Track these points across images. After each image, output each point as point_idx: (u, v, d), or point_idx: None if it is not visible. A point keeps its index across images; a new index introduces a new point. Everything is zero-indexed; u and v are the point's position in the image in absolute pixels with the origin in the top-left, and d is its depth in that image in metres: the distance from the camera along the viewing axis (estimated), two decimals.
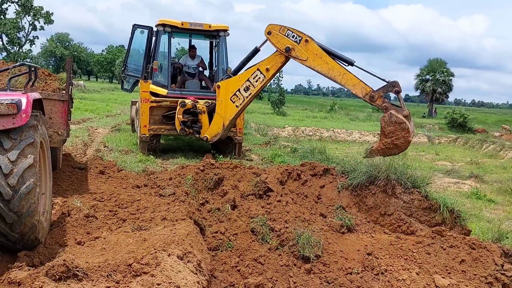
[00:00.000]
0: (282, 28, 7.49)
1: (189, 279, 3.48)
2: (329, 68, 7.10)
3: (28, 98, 3.98)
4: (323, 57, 7.14)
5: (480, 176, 11.58)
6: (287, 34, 7.44)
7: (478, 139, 20.86)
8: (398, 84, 6.72)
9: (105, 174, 7.30)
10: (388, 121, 6.36)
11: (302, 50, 7.30)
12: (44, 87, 6.61)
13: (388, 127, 6.36)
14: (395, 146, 6.34)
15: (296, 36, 7.36)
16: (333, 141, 18.13)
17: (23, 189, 3.66)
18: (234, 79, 8.32)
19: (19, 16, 50.88)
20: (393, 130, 6.33)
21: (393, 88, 6.71)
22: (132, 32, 10.84)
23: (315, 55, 7.20)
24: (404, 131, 6.32)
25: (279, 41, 7.51)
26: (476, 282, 4.93)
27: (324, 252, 5.20)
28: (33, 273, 3.13)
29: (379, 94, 6.74)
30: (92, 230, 4.65)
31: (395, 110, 6.48)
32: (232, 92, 8.31)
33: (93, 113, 18.92)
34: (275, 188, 6.30)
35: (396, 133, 6.32)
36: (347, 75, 7.04)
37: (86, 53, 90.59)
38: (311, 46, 7.26)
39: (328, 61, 7.13)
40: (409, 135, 6.34)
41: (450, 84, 50.26)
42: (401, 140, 6.32)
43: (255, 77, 8.05)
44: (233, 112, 8.53)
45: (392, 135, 6.34)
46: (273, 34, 7.57)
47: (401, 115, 6.40)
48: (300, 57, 7.35)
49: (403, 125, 6.32)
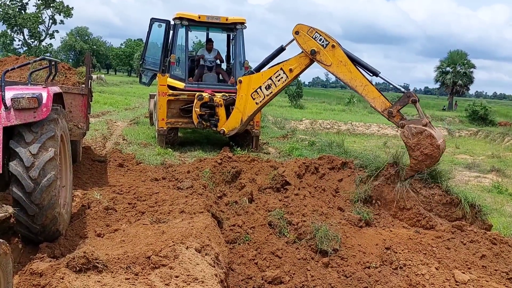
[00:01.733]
0: (311, 29, 7.35)
1: (207, 271, 3.50)
2: (351, 77, 7.00)
3: (49, 92, 4.04)
4: (347, 65, 7.05)
5: (501, 170, 11.34)
6: (314, 37, 7.31)
7: (500, 132, 20.41)
8: (413, 93, 6.60)
9: (124, 167, 7.39)
10: (408, 135, 6.19)
11: (328, 55, 7.18)
12: (64, 81, 6.70)
13: (411, 140, 6.16)
14: (427, 156, 6.09)
15: (324, 40, 7.23)
16: (351, 134, 17.97)
17: (44, 181, 3.72)
18: (257, 76, 8.26)
19: (40, 10, 51.66)
20: (417, 141, 6.12)
21: (409, 99, 6.56)
22: (150, 25, 10.88)
23: (339, 62, 7.10)
24: (429, 138, 6.08)
25: (305, 42, 7.39)
26: (497, 278, 4.84)
27: (341, 246, 5.17)
28: (54, 264, 3.20)
29: (397, 109, 6.59)
30: (112, 222, 4.71)
31: (413, 123, 6.33)
32: (253, 88, 8.26)
33: (112, 106, 19.14)
34: (292, 182, 6.28)
35: (421, 143, 6.10)
36: (369, 87, 6.91)
37: (105, 47, 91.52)
38: (337, 52, 7.14)
39: (351, 70, 7.02)
40: (435, 140, 6.09)
41: (471, 76, 49.23)
42: (429, 147, 6.07)
43: (278, 77, 7.95)
44: (252, 108, 8.52)
45: (418, 147, 6.12)
46: (301, 34, 7.44)
47: (420, 125, 6.22)
48: (325, 61, 7.20)
49: (425, 133, 6.11)
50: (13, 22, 48.88)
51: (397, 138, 16.44)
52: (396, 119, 6.56)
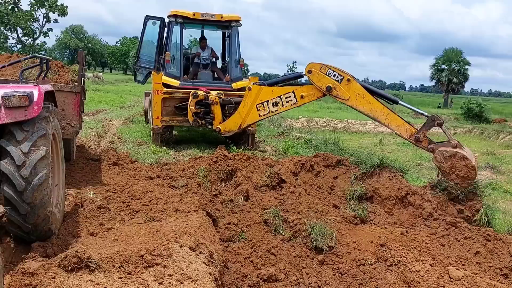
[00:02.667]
0: (323, 67, 7.39)
1: (201, 270, 3.48)
2: (372, 108, 7.00)
3: (40, 90, 4.00)
4: (365, 97, 7.05)
5: (496, 167, 11.38)
6: (328, 73, 7.33)
7: (494, 129, 20.47)
8: (437, 116, 6.63)
9: (119, 166, 7.34)
10: (441, 159, 6.18)
11: (344, 89, 7.18)
12: (57, 79, 6.64)
13: (445, 164, 6.15)
14: (463, 178, 6.06)
15: (338, 75, 7.23)
16: (347, 132, 17.98)
17: (35, 180, 3.69)
18: (267, 90, 8.26)
19: (34, 9, 51.35)
20: (451, 165, 6.12)
21: (434, 123, 6.55)
22: (144, 23, 10.81)
23: (357, 94, 7.11)
24: (462, 160, 6.08)
25: (320, 80, 7.40)
26: (491, 274, 4.86)
27: (337, 243, 5.17)
28: (46, 263, 3.17)
29: (423, 134, 6.59)
30: (105, 221, 4.68)
31: (443, 147, 6.32)
32: (261, 100, 8.26)
33: (107, 104, 19.05)
34: (288, 179, 6.26)
35: (455, 166, 6.09)
36: (391, 115, 6.90)
37: (100, 45, 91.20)
38: (353, 85, 7.15)
39: (370, 101, 7.02)
40: (469, 161, 6.08)
41: (466, 74, 49.37)
42: (464, 169, 6.06)
43: (288, 98, 7.96)
44: (254, 119, 8.58)
45: (453, 170, 6.10)
46: (314, 73, 7.47)
47: (450, 147, 6.22)
48: (342, 96, 7.25)
49: (457, 155, 6.11)
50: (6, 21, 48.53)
51: (392, 135, 16.47)
52: (424, 144, 6.54)
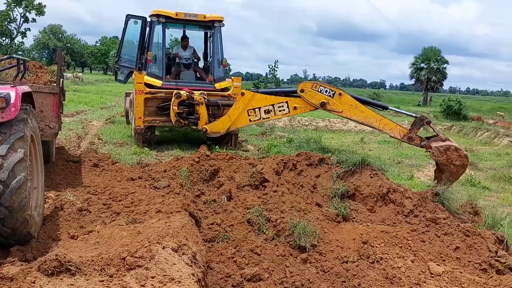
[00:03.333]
0: (314, 84, 7.95)
1: (184, 271, 3.46)
2: (365, 116, 7.62)
3: (17, 91, 3.92)
4: (358, 107, 7.65)
5: (474, 163, 11.60)
6: (320, 90, 7.85)
7: (473, 126, 20.88)
8: (424, 116, 7.41)
9: (99, 167, 7.24)
10: (438, 154, 6.85)
11: (337, 103, 7.75)
12: (35, 80, 6.52)
13: (442, 158, 6.84)
14: (459, 166, 6.83)
15: (329, 91, 7.81)
16: (329, 131, 18.10)
17: (13, 183, 3.62)
18: (261, 97, 8.43)
19: (10, 8, 50.26)
20: (447, 157, 6.81)
21: (423, 122, 7.30)
22: (126, 22, 10.68)
23: (350, 106, 7.68)
24: (456, 151, 6.82)
25: (313, 97, 7.90)
26: (471, 269, 4.96)
27: (320, 242, 5.21)
28: (26, 268, 3.10)
29: (415, 133, 7.28)
30: (86, 224, 4.62)
31: (434, 142, 7.02)
32: (253, 106, 8.44)
33: (87, 105, 18.77)
34: (271, 179, 6.28)
35: (451, 157, 6.80)
36: (383, 120, 7.56)
37: (80, 45, 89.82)
38: (345, 98, 7.74)
39: (363, 110, 7.64)
40: (462, 151, 6.87)
41: (445, 72, 50.27)
42: (459, 159, 6.80)
43: (280, 107, 8.27)
44: (244, 123, 8.78)
45: (450, 161, 6.80)
46: (306, 91, 7.95)
47: (441, 142, 6.94)
48: (336, 109, 7.80)
49: (451, 147, 6.83)
50: None
51: (374, 134, 16.65)
52: (417, 142, 7.29)
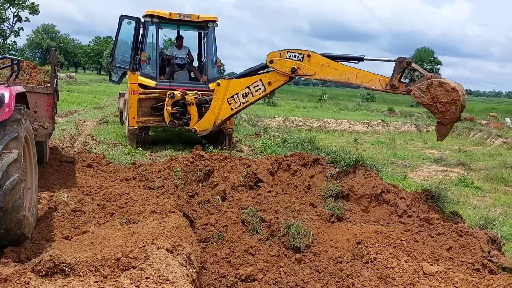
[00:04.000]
0: (282, 52, 7.40)
1: (178, 272, 3.46)
2: (340, 73, 6.91)
3: (11, 91, 3.91)
4: (331, 65, 6.97)
5: (467, 164, 11.70)
6: (288, 56, 7.34)
7: (466, 127, 21.03)
8: (403, 58, 6.40)
9: (93, 167, 7.23)
10: (420, 94, 5.88)
11: (308, 66, 7.16)
12: (28, 80, 6.50)
13: (426, 97, 5.84)
14: (448, 103, 5.69)
15: (298, 55, 7.24)
16: (323, 131, 18.17)
17: (7, 184, 3.60)
18: (235, 82, 8.26)
19: (3, 7, 49.88)
20: (431, 95, 5.80)
21: (403, 64, 6.37)
22: (119, 23, 10.67)
23: (322, 66, 7.05)
24: (441, 86, 5.72)
25: (283, 66, 7.41)
26: (464, 269, 5.00)
27: (314, 242, 5.23)
28: (20, 269, 3.09)
29: (397, 79, 6.39)
30: (80, 224, 4.60)
31: (418, 83, 6.08)
32: (231, 94, 8.26)
33: (81, 105, 18.70)
34: (265, 179, 6.29)
35: (436, 94, 5.75)
36: (361, 73, 6.78)
37: (73, 45, 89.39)
38: (315, 58, 7.11)
39: (337, 67, 6.94)
40: (448, 85, 5.72)
41: (438, 73, 50.55)
42: (446, 95, 5.69)
43: (256, 87, 7.98)
44: (227, 113, 8.56)
45: (435, 99, 5.76)
46: (275, 61, 7.50)
47: (425, 80, 5.92)
48: (308, 72, 7.20)
49: (434, 82, 5.78)
50: None
51: (367, 134, 16.73)
52: (402, 89, 6.33)
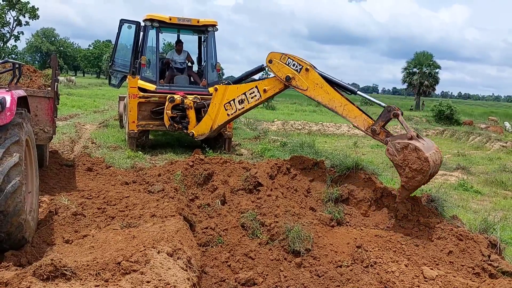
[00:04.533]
0: (283, 56, 7.26)
1: (179, 276, 3.46)
2: (329, 98, 6.81)
3: (13, 95, 3.92)
4: (323, 87, 6.87)
5: (466, 167, 11.72)
6: (287, 63, 7.22)
7: (465, 131, 21.09)
8: (394, 107, 6.24)
9: (93, 171, 7.24)
10: (393, 152, 5.68)
11: (303, 79, 7.05)
12: (29, 84, 6.52)
13: (398, 157, 5.64)
14: (416, 171, 5.52)
15: (297, 65, 7.12)
16: (322, 135, 18.19)
17: (8, 188, 3.61)
18: (232, 88, 8.25)
19: (4, 11, 49.97)
20: (403, 157, 5.60)
21: (390, 114, 6.18)
22: (119, 27, 10.72)
23: (315, 84, 6.94)
24: (415, 152, 5.54)
25: (279, 70, 7.31)
26: (464, 273, 5.00)
27: (314, 246, 5.23)
28: (21, 273, 3.09)
29: (380, 125, 6.23)
30: (80, 228, 4.61)
31: (399, 139, 5.88)
32: (227, 99, 8.27)
33: (81, 109, 18.73)
34: (265, 183, 6.30)
35: (408, 158, 5.57)
36: (348, 106, 6.66)
37: (73, 48, 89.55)
38: (312, 75, 6.99)
39: (329, 91, 6.82)
40: (422, 153, 5.53)
41: (437, 77, 50.76)
42: (417, 162, 5.51)
43: (252, 94, 7.95)
44: (224, 119, 8.57)
45: (406, 163, 5.58)
46: (274, 62, 7.37)
47: (405, 139, 5.74)
48: (301, 86, 7.09)
49: (409, 146, 5.59)
50: None
51: (367, 138, 16.74)
52: (381, 137, 6.20)
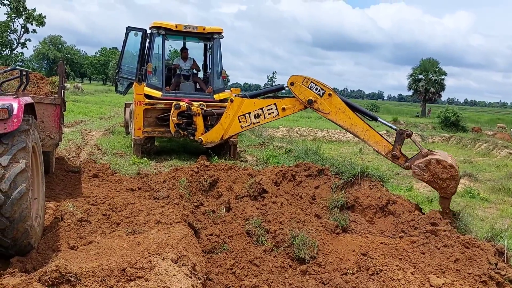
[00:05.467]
0: (305, 79, 7.44)
1: (183, 282, 3.46)
2: (351, 123, 7.07)
3: (20, 102, 3.96)
4: (346, 112, 7.13)
5: (473, 175, 11.63)
6: (310, 86, 7.40)
7: (471, 138, 20.95)
8: (404, 129, 6.66)
9: (99, 178, 7.27)
10: (420, 172, 6.08)
11: (325, 103, 7.26)
12: (36, 91, 6.58)
13: (426, 175, 6.05)
14: (448, 179, 5.92)
15: (320, 89, 7.33)
16: (327, 141, 18.15)
17: (15, 194, 3.63)
18: (249, 102, 8.29)
19: (11, 19, 50.51)
20: (431, 173, 6.03)
21: (403, 136, 6.61)
22: (126, 34, 10.82)
23: (338, 109, 7.18)
24: (438, 164, 5.97)
25: (301, 93, 7.47)
26: (471, 281, 4.95)
27: (319, 253, 5.20)
28: (26, 279, 3.10)
29: (398, 150, 6.62)
30: (86, 234, 4.62)
31: (416, 160, 6.28)
32: (243, 112, 8.31)
33: (87, 115, 18.84)
34: (270, 189, 6.29)
35: (435, 172, 5.98)
36: (370, 131, 6.97)
37: (79, 56, 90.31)
38: (335, 100, 7.23)
39: (351, 116, 7.10)
40: (445, 162, 5.94)
41: (443, 84, 50.60)
42: (445, 171, 5.93)
43: (269, 110, 8.03)
44: (236, 130, 8.63)
45: (436, 176, 5.98)
46: (296, 85, 7.53)
47: (421, 158, 6.18)
48: (323, 110, 7.31)
49: (432, 161, 6.01)
50: None
51: None
52: (401, 161, 6.56)
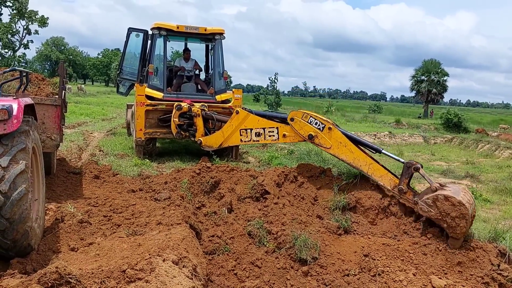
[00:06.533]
0: (305, 114, 7.29)
1: (184, 284, 3.44)
2: (354, 157, 6.77)
3: (19, 103, 3.95)
4: (347, 146, 6.85)
5: (475, 175, 11.58)
6: (309, 121, 7.22)
7: (473, 139, 20.86)
8: (412, 162, 6.25)
9: (100, 179, 7.25)
10: (427, 209, 5.66)
11: (326, 137, 7.02)
12: (37, 92, 6.57)
13: (433, 212, 5.62)
14: (457, 218, 5.43)
15: (319, 123, 7.10)
16: None
17: (15, 195, 3.62)
18: (254, 118, 8.25)
19: (13, 20, 50.68)
20: (438, 210, 5.57)
21: (411, 169, 6.19)
22: (127, 35, 10.81)
23: (339, 143, 6.90)
24: (447, 201, 5.51)
25: (301, 128, 7.29)
26: (473, 282, 4.92)
27: (321, 254, 5.18)
28: (26, 280, 3.09)
29: (405, 184, 6.19)
30: (86, 236, 4.61)
31: (425, 195, 5.83)
32: (246, 127, 8.29)
33: (89, 117, 18.85)
34: (272, 191, 6.27)
35: (443, 209, 5.53)
36: (374, 165, 6.59)
37: (82, 57, 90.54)
38: (335, 133, 6.96)
39: (353, 150, 6.80)
40: (454, 199, 5.48)
41: (445, 85, 50.48)
42: (454, 209, 5.45)
43: (270, 132, 7.97)
44: (235, 142, 8.67)
45: (444, 214, 5.53)
46: (296, 120, 7.38)
47: (430, 193, 5.74)
48: (324, 144, 7.06)
49: (439, 197, 5.56)
50: None
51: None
52: (409, 196, 6.12)
